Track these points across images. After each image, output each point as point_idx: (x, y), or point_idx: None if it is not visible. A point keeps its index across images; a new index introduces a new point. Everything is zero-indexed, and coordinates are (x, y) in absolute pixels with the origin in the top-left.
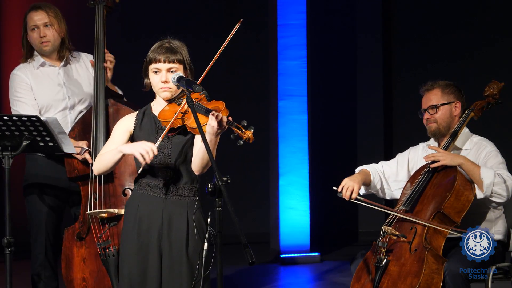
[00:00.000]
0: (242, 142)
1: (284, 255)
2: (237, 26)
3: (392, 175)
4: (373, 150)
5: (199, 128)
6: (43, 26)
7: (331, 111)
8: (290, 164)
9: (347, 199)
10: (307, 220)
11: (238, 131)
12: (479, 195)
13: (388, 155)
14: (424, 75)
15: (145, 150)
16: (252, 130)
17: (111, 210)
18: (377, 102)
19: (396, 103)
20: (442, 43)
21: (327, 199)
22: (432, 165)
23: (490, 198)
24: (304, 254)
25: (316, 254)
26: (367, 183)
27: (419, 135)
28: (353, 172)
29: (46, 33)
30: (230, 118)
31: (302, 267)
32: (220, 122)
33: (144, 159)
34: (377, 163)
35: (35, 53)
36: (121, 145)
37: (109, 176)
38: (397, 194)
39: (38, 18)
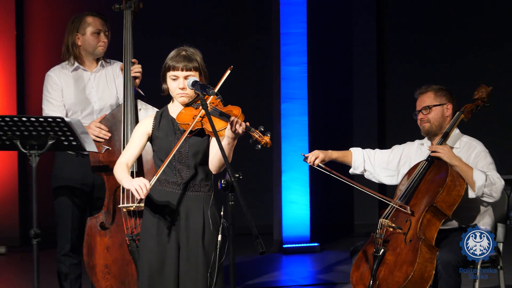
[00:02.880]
0: (260, 147)
1: (286, 245)
2: (228, 72)
3: (382, 162)
4: (368, 147)
5: (214, 131)
6: (103, 33)
7: (329, 112)
8: (292, 161)
9: (310, 164)
10: (307, 213)
11: (256, 136)
12: (471, 195)
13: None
14: (417, 80)
15: (139, 186)
16: (269, 135)
17: (140, 205)
18: (372, 106)
19: (389, 108)
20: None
21: (326, 194)
22: (433, 154)
23: (481, 198)
24: (305, 245)
25: (316, 244)
26: (346, 163)
27: (411, 135)
28: (348, 168)
29: (105, 40)
30: (247, 123)
31: (303, 256)
32: (238, 128)
33: (139, 194)
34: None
35: (71, 55)
36: (125, 175)
37: (139, 173)
38: (384, 180)
39: (101, 24)
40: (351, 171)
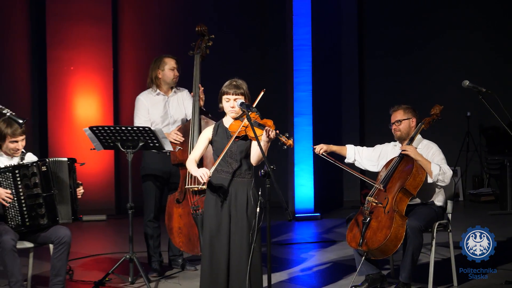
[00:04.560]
0: (286, 147)
1: (298, 215)
2: (261, 93)
3: (368, 156)
4: None
5: (255, 136)
6: (176, 69)
7: (325, 124)
8: (301, 157)
9: (316, 153)
10: (312, 192)
11: (283, 140)
12: (430, 180)
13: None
14: (389, 100)
15: (202, 174)
16: (292, 139)
17: (202, 186)
18: (354, 120)
19: (367, 121)
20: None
21: (324, 179)
22: (403, 152)
23: (437, 183)
24: (310, 214)
25: (318, 214)
26: (342, 154)
27: (384, 139)
28: (343, 158)
29: (177, 74)
30: (277, 131)
31: (309, 222)
32: (271, 134)
33: (202, 179)
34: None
35: (154, 84)
36: (193, 167)
37: (200, 165)
38: (368, 168)
39: (175, 63)
40: (345, 160)
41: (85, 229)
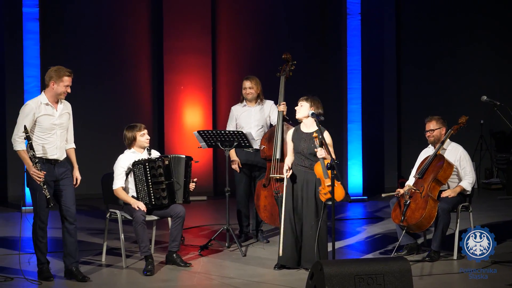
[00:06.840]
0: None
1: (351, 197)
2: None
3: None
4: (392, 146)
5: (324, 172)
6: (249, 88)
7: (372, 129)
8: (353, 154)
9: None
10: (361, 181)
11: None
12: (467, 188)
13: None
14: (423, 111)
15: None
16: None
17: (282, 176)
18: (393, 127)
19: (404, 128)
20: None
21: (370, 171)
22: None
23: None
24: (360, 197)
25: (365, 197)
26: None
27: (417, 143)
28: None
29: (249, 92)
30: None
31: (359, 203)
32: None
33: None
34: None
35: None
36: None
37: (282, 159)
38: None
39: (246, 83)
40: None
41: (191, 207)
